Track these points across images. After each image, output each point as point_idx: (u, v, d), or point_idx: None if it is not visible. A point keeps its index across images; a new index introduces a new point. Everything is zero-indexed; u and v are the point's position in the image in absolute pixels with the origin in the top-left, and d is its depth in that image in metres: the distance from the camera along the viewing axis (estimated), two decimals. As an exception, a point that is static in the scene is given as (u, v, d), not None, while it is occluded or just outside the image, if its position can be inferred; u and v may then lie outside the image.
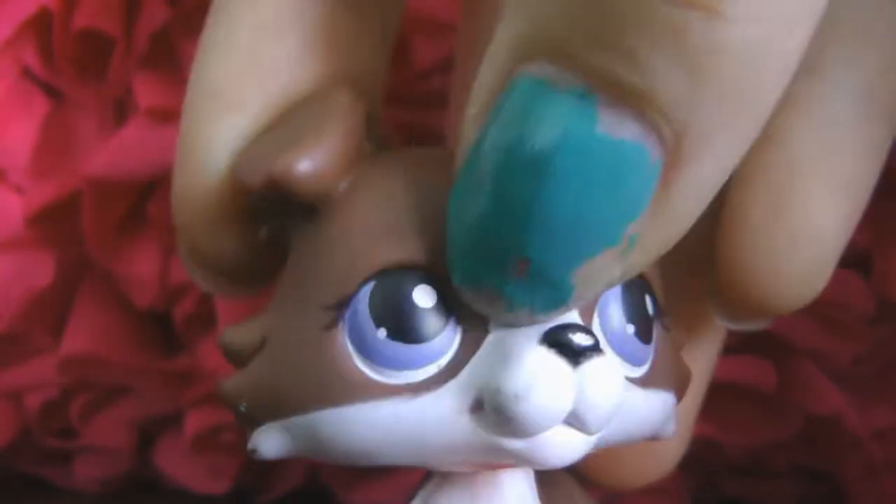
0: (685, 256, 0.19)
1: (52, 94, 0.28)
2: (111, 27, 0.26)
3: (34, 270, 0.28)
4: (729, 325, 0.19)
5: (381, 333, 0.14)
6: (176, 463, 0.30)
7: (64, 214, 0.27)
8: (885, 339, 0.27)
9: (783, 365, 0.27)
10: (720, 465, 0.29)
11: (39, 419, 0.29)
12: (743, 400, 0.27)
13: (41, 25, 0.27)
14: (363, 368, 0.14)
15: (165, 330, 0.29)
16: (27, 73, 0.28)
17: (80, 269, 0.28)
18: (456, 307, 0.14)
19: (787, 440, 0.28)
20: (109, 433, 0.29)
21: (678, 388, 0.16)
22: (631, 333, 0.15)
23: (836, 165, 0.17)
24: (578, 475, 0.18)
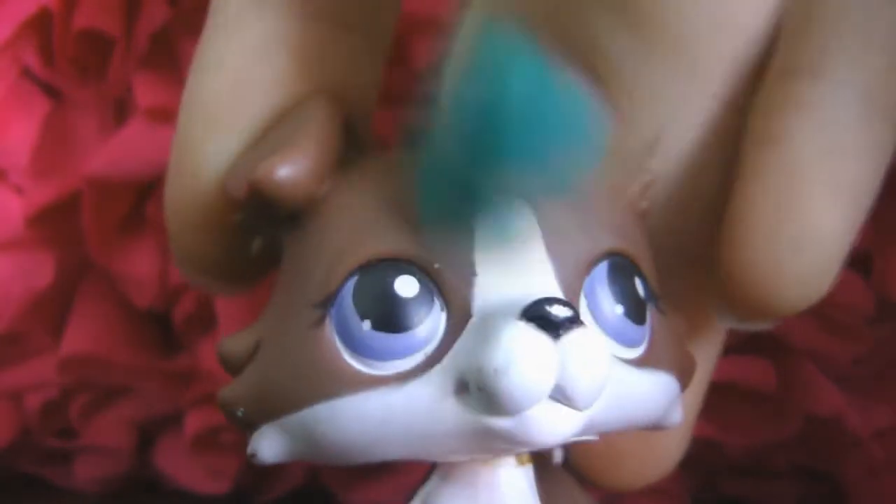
0: (686, 256, 0.19)
1: (52, 94, 0.28)
2: (111, 27, 0.26)
3: (34, 270, 0.28)
4: (733, 326, 0.19)
5: (365, 325, 0.14)
6: (176, 463, 0.30)
7: (64, 214, 0.27)
8: (885, 339, 0.27)
9: (783, 365, 0.27)
10: (720, 465, 0.29)
11: (39, 419, 0.29)
12: (743, 400, 0.27)
13: (41, 25, 0.27)
14: (351, 361, 0.14)
15: (165, 330, 0.29)
16: (27, 73, 0.28)
17: (80, 269, 0.28)
18: (440, 295, 0.14)
19: (787, 440, 0.28)
20: (109, 433, 0.29)
21: (680, 372, 0.16)
22: (620, 314, 0.15)
23: (839, 167, 0.17)
24: (578, 475, 0.18)
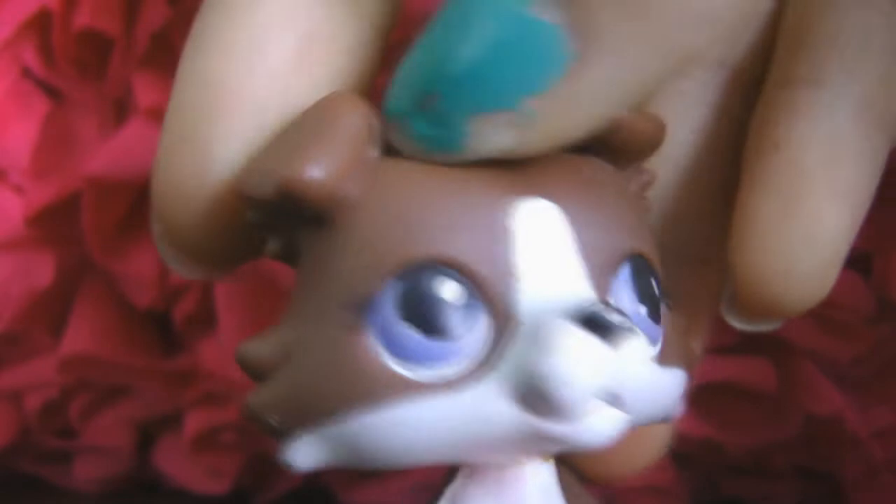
0: (692, 255, 0.19)
1: (52, 94, 0.28)
2: (111, 27, 0.26)
3: (34, 270, 0.28)
4: (742, 326, 0.19)
5: (410, 330, 0.14)
6: (176, 463, 0.30)
7: (64, 214, 0.27)
8: (885, 339, 0.27)
9: (783, 365, 0.27)
10: (720, 465, 0.29)
11: (39, 419, 0.29)
12: (743, 400, 0.27)
13: (41, 25, 0.27)
14: (396, 367, 0.14)
15: (165, 330, 0.29)
16: (27, 73, 0.28)
17: (80, 269, 0.28)
18: (483, 298, 0.14)
19: (787, 440, 0.28)
20: (109, 433, 0.30)
21: (688, 366, 0.16)
22: (644, 314, 0.15)
23: (838, 172, 0.18)
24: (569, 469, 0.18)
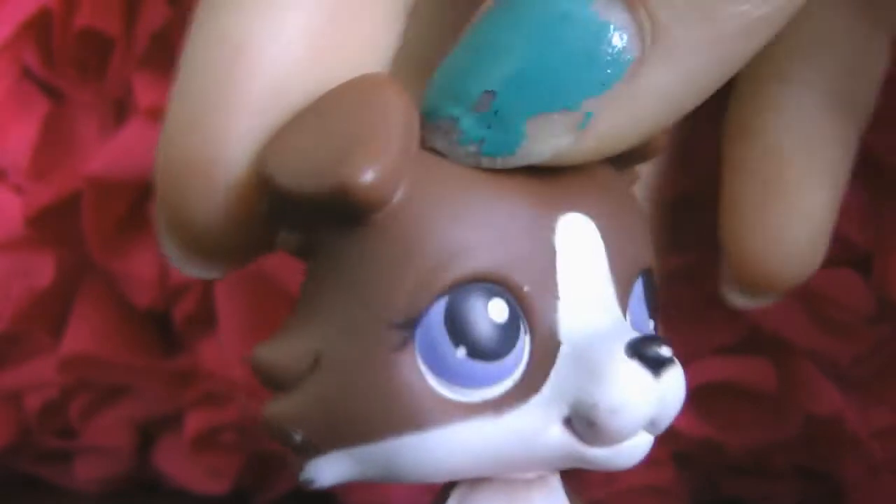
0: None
1: (52, 94, 0.28)
2: (111, 27, 0.26)
3: (34, 270, 0.28)
4: (744, 304, 0.20)
5: (460, 352, 0.14)
6: (176, 463, 0.30)
7: (64, 214, 0.27)
8: (885, 339, 0.27)
9: (783, 365, 0.27)
10: (720, 465, 0.29)
11: (39, 419, 0.29)
12: (743, 400, 0.27)
13: (41, 25, 0.27)
14: (440, 390, 0.14)
15: (165, 330, 0.29)
16: (27, 73, 0.28)
17: (80, 269, 0.28)
18: (525, 318, 0.14)
19: (787, 440, 0.28)
20: (109, 433, 0.29)
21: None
22: (652, 329, 0.16)
23: (813, 154, 0.19)
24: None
